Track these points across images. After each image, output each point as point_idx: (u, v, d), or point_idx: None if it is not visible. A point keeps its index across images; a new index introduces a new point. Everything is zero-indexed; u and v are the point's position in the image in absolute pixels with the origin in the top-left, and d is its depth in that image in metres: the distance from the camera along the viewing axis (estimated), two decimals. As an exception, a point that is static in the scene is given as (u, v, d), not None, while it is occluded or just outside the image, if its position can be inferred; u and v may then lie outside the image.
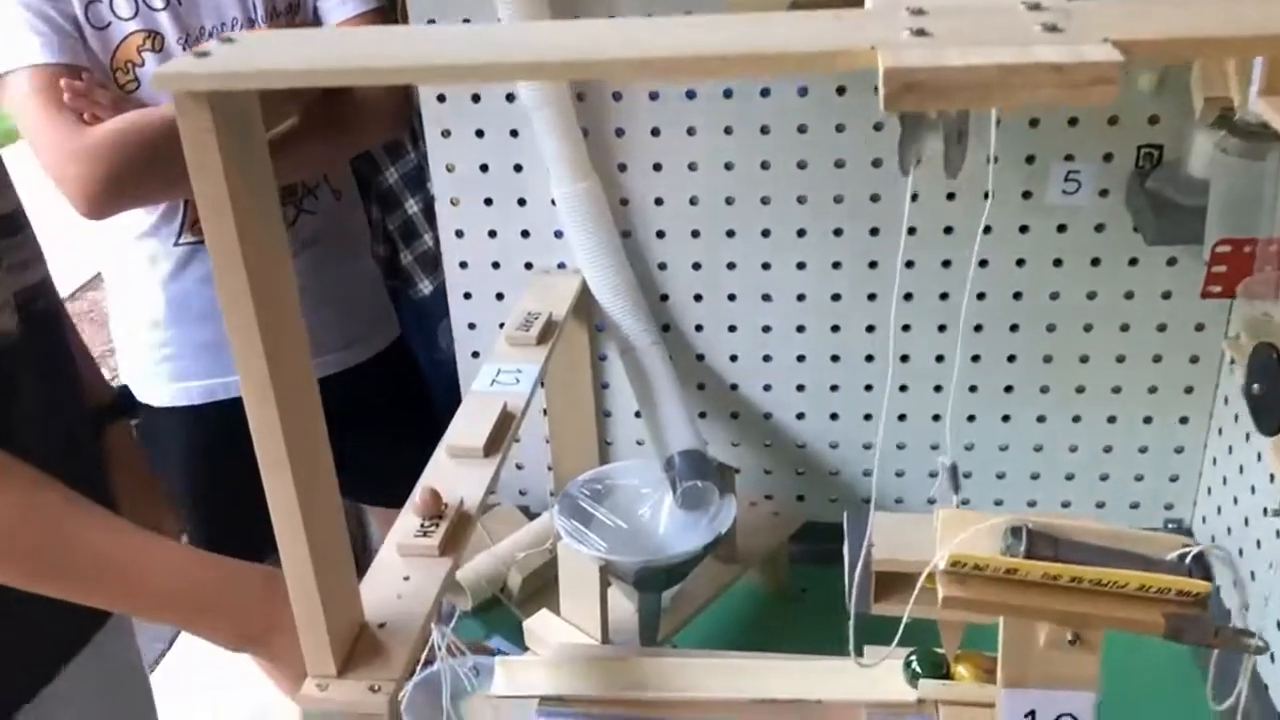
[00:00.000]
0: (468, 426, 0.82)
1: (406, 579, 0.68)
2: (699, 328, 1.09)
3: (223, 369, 1.37)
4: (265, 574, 0.80)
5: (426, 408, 1.56)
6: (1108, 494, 1.11)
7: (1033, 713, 0.60)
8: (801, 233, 1.03)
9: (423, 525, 0.71)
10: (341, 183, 1.45)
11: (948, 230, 1.02)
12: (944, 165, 0.47)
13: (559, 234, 1.06)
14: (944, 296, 1.05)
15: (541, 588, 1.06)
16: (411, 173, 1.51)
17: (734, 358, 1.10)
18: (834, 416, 1.11)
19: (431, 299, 1.50)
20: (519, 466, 1.19)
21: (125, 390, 1.31)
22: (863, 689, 0.73)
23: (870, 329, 1.07)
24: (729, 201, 1.03)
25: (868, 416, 1.11)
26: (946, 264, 1.03)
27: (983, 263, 1.03)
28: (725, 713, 0.73)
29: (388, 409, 1.54)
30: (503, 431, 0.82)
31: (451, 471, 0.78)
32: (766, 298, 1.07)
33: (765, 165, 1.01)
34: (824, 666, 0.76)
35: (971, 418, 1.10)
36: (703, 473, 0.95)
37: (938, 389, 1.09)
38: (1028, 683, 0.60)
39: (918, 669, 0.72)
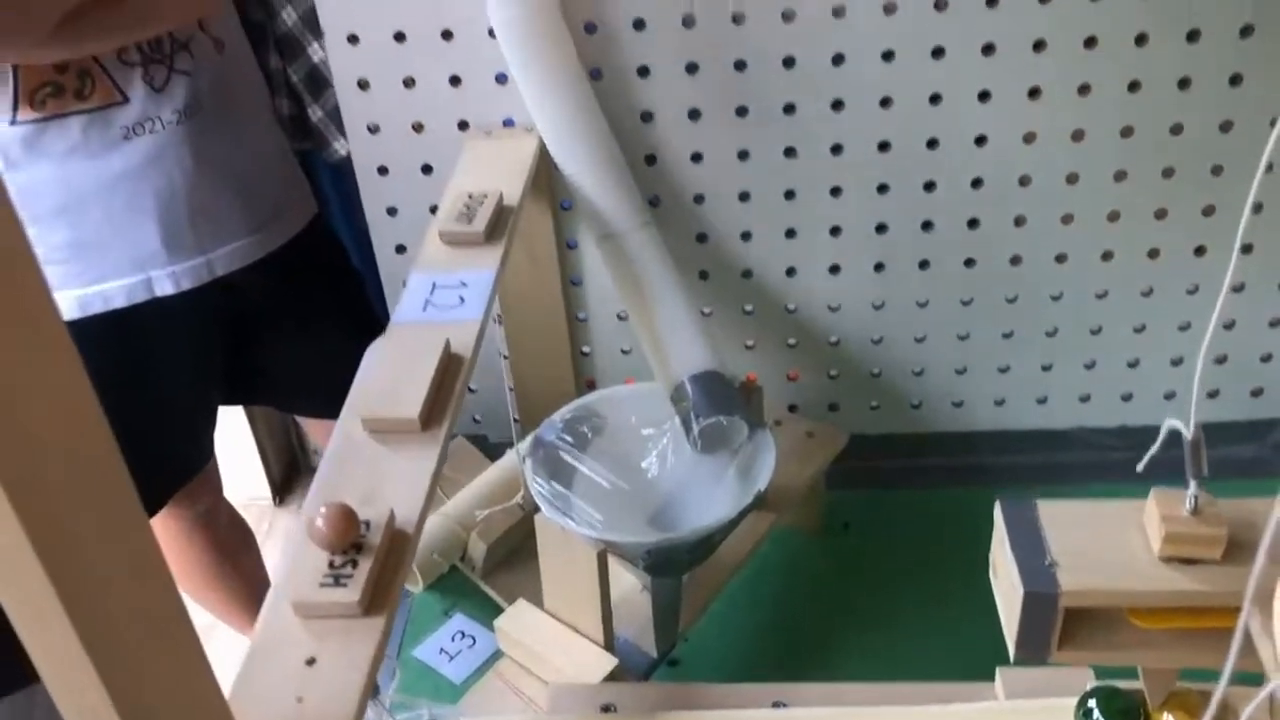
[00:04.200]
0: (392, 384, 0.55)
1: (312, 662, 0.42)
2: (699, 198, 0.81)
3: (95, 274, 1.10)
4: None
5: (357, 295, 1.31)
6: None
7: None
8: (839, 59, 0.75)
9: (332, 565, 0.45)
10: (223, 29, 1.14)
11: (1037, 46, 0.74)
12: None
13: (502, 78, 0.76)
14: (1029, 139, 0.78)
15: (513, 551, 0.81)
16: (313, 11, 1.21)
17: (747, 236, 0.83)
18: (878, 306, 0.85)
19: (350, 160, 1.23)
20: (470, 389, 0.92)
21: None
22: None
23: (930, 186, 0.80)
24: (737, 21, 0.74)
25: (923, 304, 0.85)
26: (1034, 94, 0.76)
27: (1083, 88, 0.75)
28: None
29: (312, 303, 1.27)
30: (448, 387, 0.55)
31: (370, 462, 0.51)
32: (790, 153, 0.79)
33: (787, -36, 0.72)
34: (952, 714, 0.52)
35: (1015, 299, 0.84)
36: (726, 404, 0.69)
37: (1015, 261, 0.83)
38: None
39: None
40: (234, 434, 1.85)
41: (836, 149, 0.78)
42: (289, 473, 2.04)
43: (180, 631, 0.34)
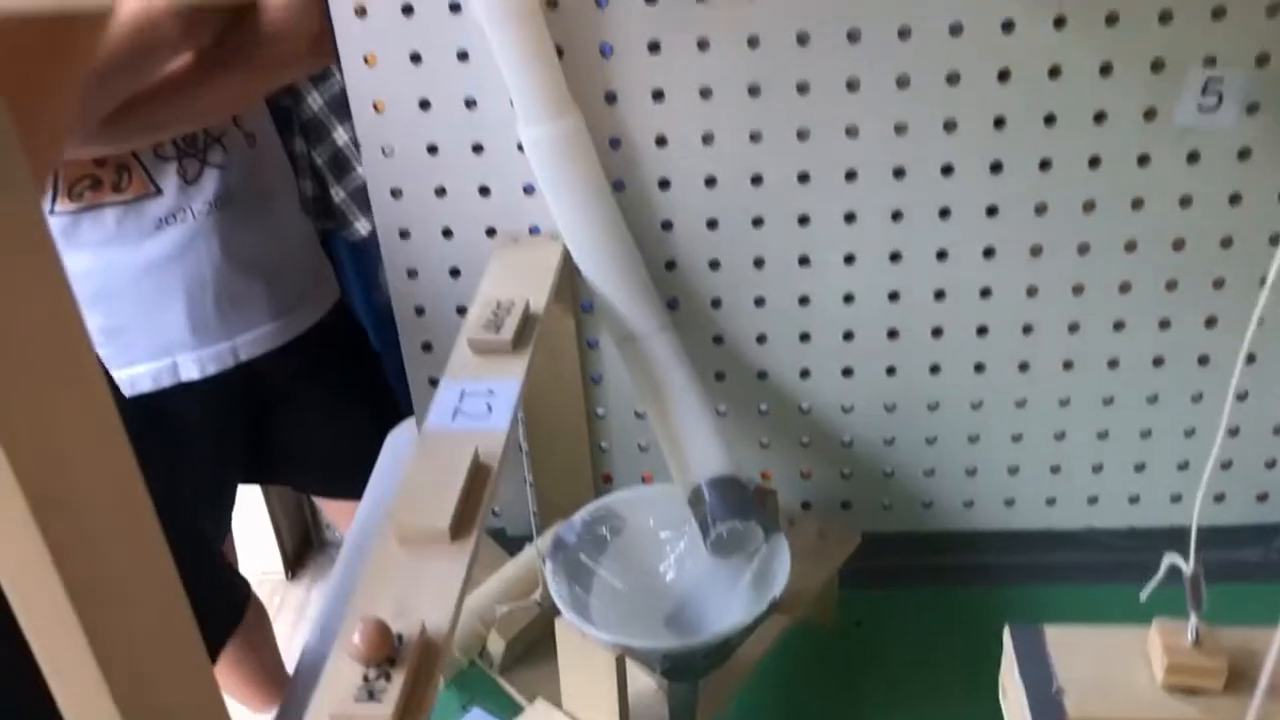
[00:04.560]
0: (422, 493, 0.57)
1: (345, 776, 0.44)
2: (716, 303, 0.84)
3: (124, 359, 1.13)
4: None
5: (376, 377, 1.33)
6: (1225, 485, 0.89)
7: None
8: (851, 175, 0.78)
9: (366, 679, 0.47)
10: (254, 124, 1.18)
11: (1044, 165, 0.77)
12: None
13: (529, 189, 0.80)
14: (1036, 252, 0.81)
15: (531, 647, 0.83)
16: (338, 96, 1.26)
17: (762, 339, 0.85)
18: (890, 408, 0.87)
19: (371, 240, 1.27)
20: (489, 482, 0.94)
21: None
22: None
23: (940, 295, 0.82)
24: (755, 138, 0.77)
25: (934, 406, 0.87)
26: (1041, 209, 0.79)
27: (1088, 205, 0.78)
28: None
29: (333, 386, 1.30)
30: (475, 497, 0.57)
31: (400, 573, 0.53)
32: (804, 261, 0.82)
33: (803, 88, 0.75)
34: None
35: (1020, 404, 0.87)
36: (742, 508, 0.71)
37: (1023, 367, 0.85)
38: None
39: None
40: (248, 508, 1.87)
41: (849, 259, 0.81)
42: (302, 548, 2.06)
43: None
